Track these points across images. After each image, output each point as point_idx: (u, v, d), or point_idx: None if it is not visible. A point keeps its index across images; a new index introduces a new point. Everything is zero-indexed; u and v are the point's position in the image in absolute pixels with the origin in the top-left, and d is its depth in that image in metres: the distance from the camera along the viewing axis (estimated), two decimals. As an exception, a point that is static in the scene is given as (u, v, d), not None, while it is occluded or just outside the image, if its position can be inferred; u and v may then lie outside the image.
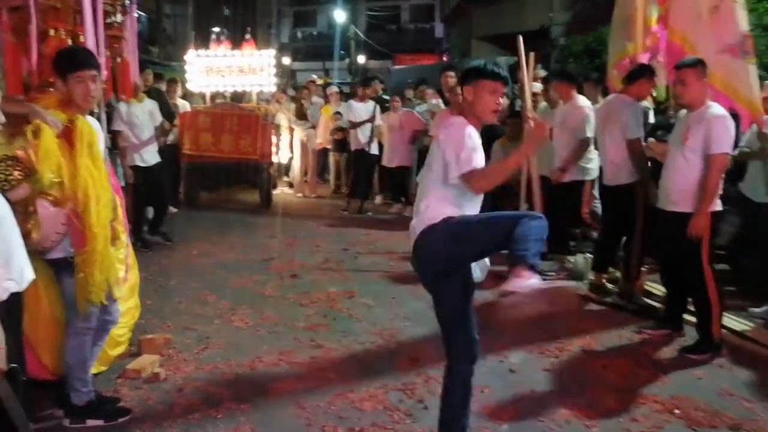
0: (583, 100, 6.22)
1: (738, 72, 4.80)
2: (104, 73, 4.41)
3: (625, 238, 5.43)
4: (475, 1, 21.76)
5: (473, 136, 2.90)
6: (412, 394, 3.70)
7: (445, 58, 30.34)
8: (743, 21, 4.85)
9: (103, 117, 4.66)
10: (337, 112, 10.53)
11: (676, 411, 3.53)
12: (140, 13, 17.51)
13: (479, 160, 2.83)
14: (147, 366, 3.87)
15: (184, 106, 9.68)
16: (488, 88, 2.93)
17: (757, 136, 5.18)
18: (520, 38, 6.25)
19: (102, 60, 4.30)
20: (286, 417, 3.43)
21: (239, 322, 4.85)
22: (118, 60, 5.17)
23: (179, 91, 9.76)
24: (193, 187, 9.68)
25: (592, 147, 6.05)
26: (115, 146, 6.70)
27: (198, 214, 9.13)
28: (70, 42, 4.04)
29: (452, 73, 8.85)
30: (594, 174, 6.25)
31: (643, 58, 5.63)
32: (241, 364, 4.08)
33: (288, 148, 11.30)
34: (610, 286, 5.62)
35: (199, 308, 5.16)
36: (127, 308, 3.93)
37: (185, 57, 10.54)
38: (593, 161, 6.20)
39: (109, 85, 4.70)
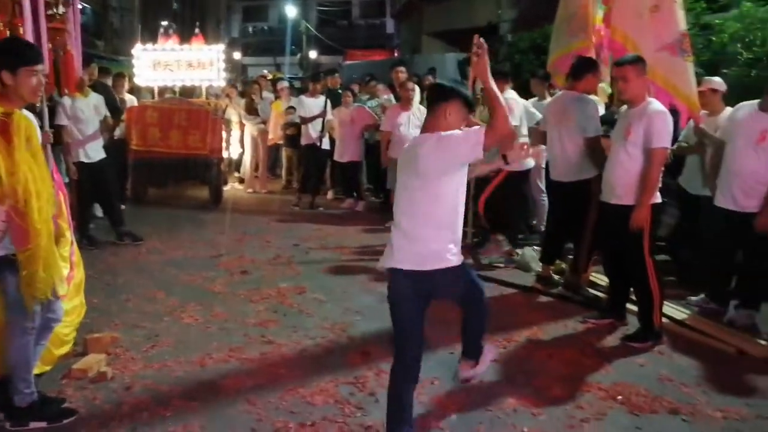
0: (510, 93, 6.41)
1: (676, 69, 4.97)
2: (46, 66, 4.31)
3: (574, 232, 5.56)
4: (425, -2, 21.89)
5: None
6: (363, 387, 3.73)
7: (396, 54, 30.43)
8: (682, 20, 5.03)
9: (45, 111, 4.54)
10: (290, 107, 10.48)
11: (619, 397, 3.64)
12: (85, 5, 17.04)
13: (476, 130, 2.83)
14: (93, 365, 3.80)
15: (131, 101, 9.49)
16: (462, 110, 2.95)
17: (694, 131, 5.37)
18: (477, 38, 6.34)
19: (44, 53, 4.20)
20: (236, 413, 3.42)
21: (188, 319, 4.80)
22: (61, 53, 5.05)
23: (126, 86, 9.57)
24: (141, 183, 9.52)
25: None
26: (58, 141, 6.52)
27: (146, 210, 8.97)
28: (8, 34, 3.93)
29: (403, 69, 8.94)
30: (529, 164, 6.34)
31: (590, 54, 5.75)
32: (191, 361, 4.05)
33: (238, 143, 11.18)
34: (556, 277, 5.76)
35: (148, 306, 5.08)
36: (73, 306, 3.85)
37: (132, 51, 10.33)
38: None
39: (51, 79, 4.59)
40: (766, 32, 7.28)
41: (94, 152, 6.77)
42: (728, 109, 5.43)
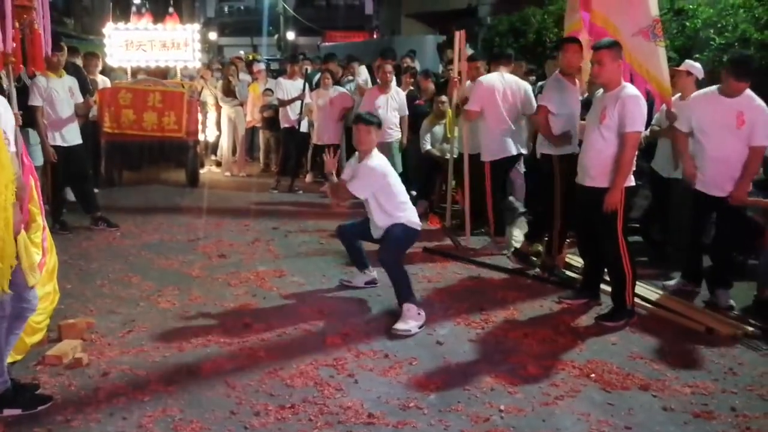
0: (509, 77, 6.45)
1: (649, 54, 5.02)
2: (12, 45, 4.21)
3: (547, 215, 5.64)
4: (404, -22, 21.79)
5: None
6: (342, 368, 3.76)
7: (375, 35, 30.26)
8: (654, 6, 5.07)
9: (13, 92, 4.46)
10: (267, 89, 10.39)
11: (592, 375, 3.72)
12: (54, -17, 16.71)
13: None
14: (68, 351, 3.77)
15: (104, 82, 9.31)
16: None
17: (666, 115, 5.43)
18: (459, 34, 6.38)
19: (9, 31, 4.11)
20: (215, 397, 3.42)
21: (166, 304, 4.78)
22: (28, 32, 4.94)
23: (99, 66, 9.39)
24: (114, 166, 9.38)
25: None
26: (28, 124, 6.40)
27: (120, 194, 8.88)
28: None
29: (390, 69, 8.67)
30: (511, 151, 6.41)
31: (584, 35, 5.72)
32: (168, 346, 4.04)
33: (215, 125, 11.08)
34: (533, 259, 5.83)
35: (123, 291, 5.05)
36: (45, 293, 3.81)
37: (103, 30, 10.13)
38: None
39: (18, 58, 4.48)
40: (738, 18, 7.36)
41: (71, 135, 6.65)
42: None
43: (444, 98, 7.59)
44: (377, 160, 4.86)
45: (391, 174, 4.84)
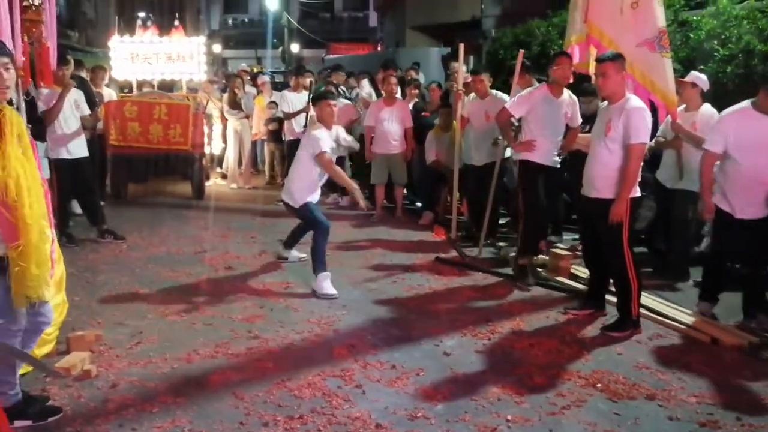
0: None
1: (655, 65, 5.05)
2: (22, 59, 4.26)
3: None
4: (408, -9, 21.88)
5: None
6: (350, 379, 3.77)
7: (379, 48, 30.38)
8: (661, 17, 5.09)
9: (23, 107, 4.50)
10: (272, 102, 10.45)
11: (598, 385, 3.73)
12: (60, -3, 16.88)
13: None
14: (77, 363, 3.78)
15: (110, 95, 9.40)
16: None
17: (671, 126, 5.46)
18: (462, 47, 6.45)
19: (18, 45, 4.16)
20: (223, 408, 3.44)
21: (173, 316, 4.80)
22: (36, 46, 5.00)
23: (105, 79, 9.48)
24: (121, 179, 9.42)
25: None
26: (36, 137, 6.44)
27: (126, 207, 8.92)
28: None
29: (395, 81, 8.77)
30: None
31: (584, 47, 5.76)
32: (177, 357, 4.06)
33: (221, 138, 11.14)
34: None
35: (131, 303, 5.08)
36: (54, 304, 3.81)
37: (109, 43, 10.20)
38: None
39: (27, 73, 4.54)
40: (742, 29, 7.38)
41: (76, 148, 6.70)
42: (706, 106, 5.53)
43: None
44: (323, 134, 5.60)
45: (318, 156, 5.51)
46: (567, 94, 5.56)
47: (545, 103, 5.45)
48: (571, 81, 5.57)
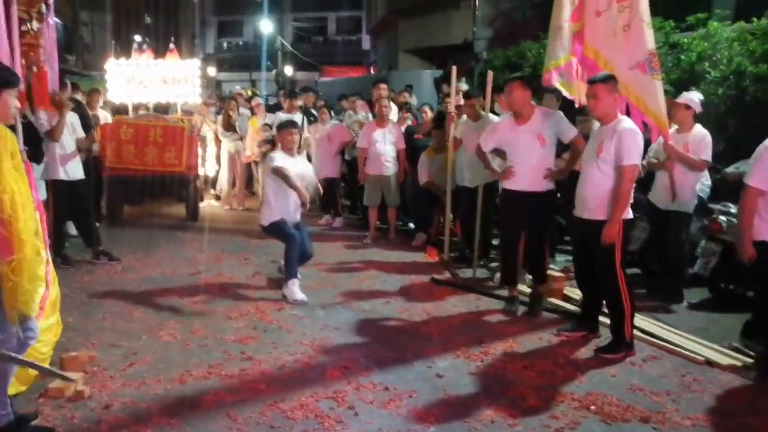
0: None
1: (646, 87, 5.10)
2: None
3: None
4: (401, 14, 22.13)
5: None
6: (342, 401, 3.77)
7: (372, 71, 30.65)
8: (651, 39, 5.16)
9: (19, 128, 4.52)
10: (266, 124, 10.50)
11: (592, 407, 3.73)
12: (56, 20, 16.91)
13: None
14: (70, 384, 3.78)
15: (105, 117, 9.46)
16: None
17: (663, 147, 5.52)
18: (454, 69, 6.55)
19: (18, 69, 4.20)
20: (216, 429, 3.43)
21: (167, 337, 4.79)
22: (34, 70, 5.02)
23: (101, 102, 9.53)
24: (116, 200, 9.44)
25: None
26: (32, 159, 6.46)
27: (122, 228, 8.92)
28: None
29: (385, 86, 8.98)
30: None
31: (571, 69, 5.84)
32: (170, 378, 4.05)
33: (215, 160, 11.17)
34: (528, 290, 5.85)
35: (125, 324, 5.07)
36: (49, 325, 3.83)
37: (105, 66, 10.27)
38: None
39: (24, 96, 4.57)
40: (733, 51, 7.49)
41: (74, 170, 6.75)
42: (698, 127, 5.62)
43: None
44: (278, 154, 6.12)
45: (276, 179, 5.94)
46: (540, 115, 5.35)
47: (509, 131, 5.44)
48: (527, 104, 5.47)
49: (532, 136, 5.30)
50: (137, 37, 20.34)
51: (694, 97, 5.70)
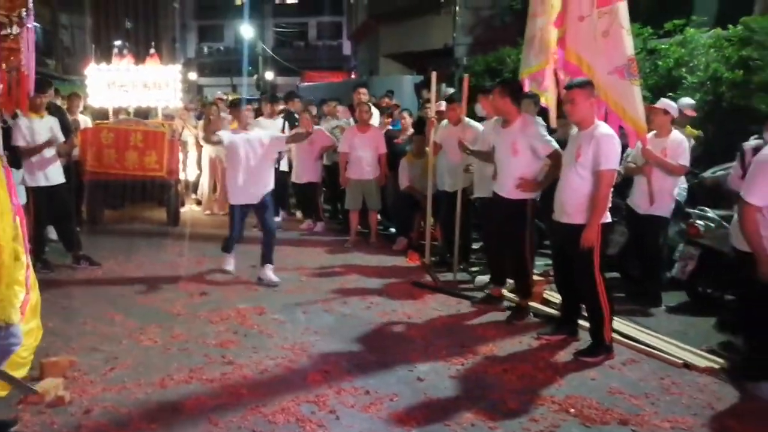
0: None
1: (624, 92, 5.17)
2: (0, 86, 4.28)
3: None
4: (381, 20, 22.20)
5: None
6: (323, 405, 3.78)
7: (353, 76, 30.69)
8: (629, 45, 5.24)
9: (-1, 134, 4.50)
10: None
11: (571, 410, 3.77)
12: (36, 24, 16.76)
13: None
14: (50, 389, 3.75)
15: (85, 121, 9.38)
16: None
17: (642, 152, 5.60)
18: (434, 75, 6.59)
19: (-2, 75, 4.17)
20: (197, 434, 3.43)
21: (148, 341, 4.77)
22: (14, 74, 4.99)
23: (81, 106, 9.46)
24: (97, 205, 9.37)
25: None
26: (12, 164, 6.41)
27: (102, 233, 8.84)
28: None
29: (365, 90, 9.04)
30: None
31: (549, 75, 5.93)
32: (151, 383, 4.03)
33: (196, 164, 11.13)
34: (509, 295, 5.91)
35: (106, 328, 5.04)
36: (29, 329, 3.80)
37: (85, 71, 10.20)
38: None
39: (5, 100, 4.54)
40: (709, 57, 7.62)
41: (54, 175, 6.71)
42: (675, 132, 5.72)
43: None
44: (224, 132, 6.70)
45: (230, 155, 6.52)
46: (519, 124, 5.35)
47: (495, 132, 5.56)
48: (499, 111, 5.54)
49: (508, 143, 5.39)
50: (117, 42, 20.26)
51: (671, 103, 5.79)
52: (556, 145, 5.29)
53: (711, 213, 5.69)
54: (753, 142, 5.34)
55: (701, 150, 6.94)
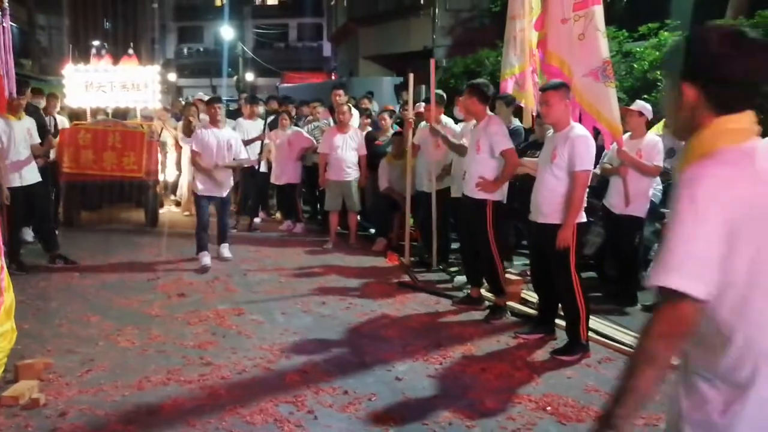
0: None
1: (599, 94, 5.24)
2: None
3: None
4: (361, 22, 22.23)
5: None
6: (302, 405, 3.79)
7: (333, 77, 30.68)
8: (605, 48, 5.31)
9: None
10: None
11: (548, 408, 3.81)
12: (12, 24, 16.56)
13: None
14: (25, 392, 3.72)
15: (62, 122, 9.30)
16: None
17: (617, 154, 5.68)
18: (412, 76, 6.62)
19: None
20: (175, 435, 3.42)
21: (125, 343, 4.75)
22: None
23: (58, 107, 9.37)
24: (74, 206, 9.28)
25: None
26: None
27: (79, 234, 8.76)
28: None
29: (341, 92, 9.06)
30: None
31: (528, 77, 5.99)
32: (128, 385, 4.01)
33: (175, 165, 11.06)
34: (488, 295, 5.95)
35: (82, 330, 5.00)
36: (4, 331, 3.77)
37: (62, 71, 10.10)
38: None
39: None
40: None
41: (29, 175, 6.67)
42: (650, 134, 5.80)
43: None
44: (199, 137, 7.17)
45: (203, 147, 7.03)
46: (484, 123, 5.43)
47: (468, 131, 5.71)
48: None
49: (474, 141, 5.51)
50: (96, 42, 20.08)
51: (646, 105, 5.87)
52: (511, 144, 5.39)
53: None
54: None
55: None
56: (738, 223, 1.49)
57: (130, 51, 10.74)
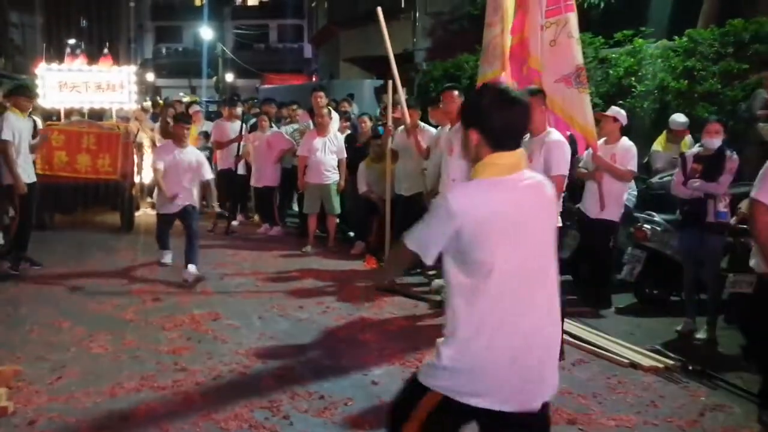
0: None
1: (572, 100, 5.29)
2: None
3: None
4: (341, 24, 22.21)
5: None
6: (277, 410, 3.77)
7: (314, 79, 30.61)
8: (578, 55, 5.35)
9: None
10: (204, 132, 10.36)
11: (522, 411, 3.83)
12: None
13: None
14: (-7, 399, 3.66)
15: (36, 123, 9.16)
16: None
17: (592, 158, 5.73)
18: (390, 83, 6.63)
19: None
20: (147, 442, 3.38)
21: (98, 349, 4.68)
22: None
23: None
24: (46, 208, 9.11)
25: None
26: None
27: (52, 237, 8.63)
28: None
29: (322, 94, 9.01)
30: None
31: (503, 81, 6.01)
32: (100, 391, 3.96)
33: (152, 167, 10.94)
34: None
35: (53, 336, 4.93)
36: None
37: (36, 70, 9.97)
38: None
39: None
40: (657, 67, 7.84)
41: (31, 172, 6.82)
42: (624, 139, 5.86)
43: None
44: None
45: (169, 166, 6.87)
46: (458, 125, 5.45)
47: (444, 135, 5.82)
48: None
49: (449, 144, 5.61)
50: (71, 41, 19.81)
51: (621, 111, 5.94)
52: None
53: (657, 217, 5.85)
54: (695, 149, 5.53)
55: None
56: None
57: (106, 50, 10.64)
